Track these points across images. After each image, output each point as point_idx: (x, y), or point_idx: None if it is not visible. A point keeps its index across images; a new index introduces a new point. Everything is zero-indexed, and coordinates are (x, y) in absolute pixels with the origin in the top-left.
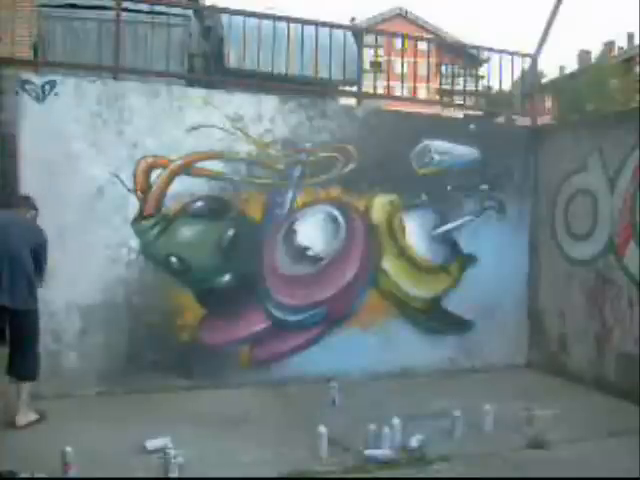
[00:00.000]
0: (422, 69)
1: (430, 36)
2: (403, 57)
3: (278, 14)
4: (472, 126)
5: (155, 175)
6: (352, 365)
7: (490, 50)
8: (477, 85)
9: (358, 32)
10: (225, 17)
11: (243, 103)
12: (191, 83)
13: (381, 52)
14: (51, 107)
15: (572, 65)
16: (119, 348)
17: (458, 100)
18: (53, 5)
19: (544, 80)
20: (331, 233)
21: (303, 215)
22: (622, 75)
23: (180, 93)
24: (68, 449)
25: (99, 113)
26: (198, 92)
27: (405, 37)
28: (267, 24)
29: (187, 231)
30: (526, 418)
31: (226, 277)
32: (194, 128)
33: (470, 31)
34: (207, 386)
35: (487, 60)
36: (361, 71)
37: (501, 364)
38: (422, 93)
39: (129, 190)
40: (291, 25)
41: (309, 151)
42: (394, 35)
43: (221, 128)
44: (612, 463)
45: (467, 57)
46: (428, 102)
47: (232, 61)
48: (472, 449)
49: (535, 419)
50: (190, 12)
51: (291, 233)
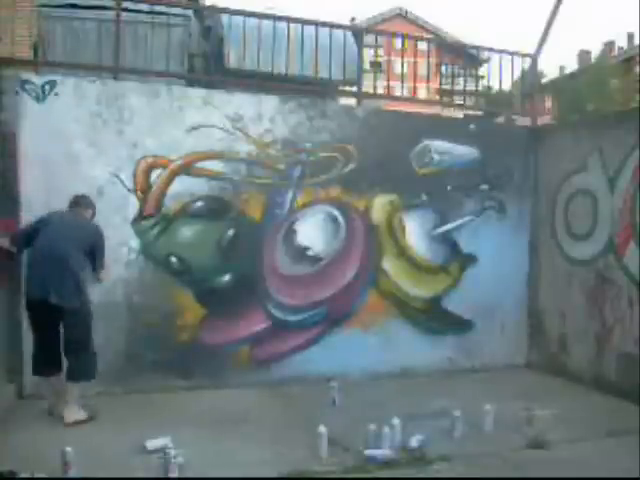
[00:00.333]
0: (422, 69)
1: (430, 36)
2: (403, 57)
3: (278, 14)
4: (472, 126)
5: (155, 175)
6: (352, 365)
7: (490, 50)
8: (477, 85)
9: (358, 32)
10: (225, 17)
11: (243, 103)
12: (191, 83)
13: (381, 52)
14: (51, 107)
15: (572, 65)
16: (119, 348)
17: (458, 100)
18: (53, 5)
19: (544, 80)
20: (331, 233)
21: (303, 215)
22: (622, 75)
23: (180, 93)
24: (68, 449)
25: (99, 113)
26: (198, 92)
27: (405, 37)
28: (267, 24)
29: (187, 231)
30: (526, 418)
31: (226, 277)
32: (194, 128)
33: (470, 31)
34: (207, 386)
35: (487, 60)
36: (361, 71)
37: (501, 364)
38: (422, 93)
39: (129, 190)
40: (291, 25)
41: (309, 151)
42: (394, 35)
43: (221, 128)
44: (612, 463)
45: (467, 57)
46: (428, 102)
47: (232, 61)
48: (472, 449)
49: (535, 419)
50: (190, 12)
51: (291, 233)
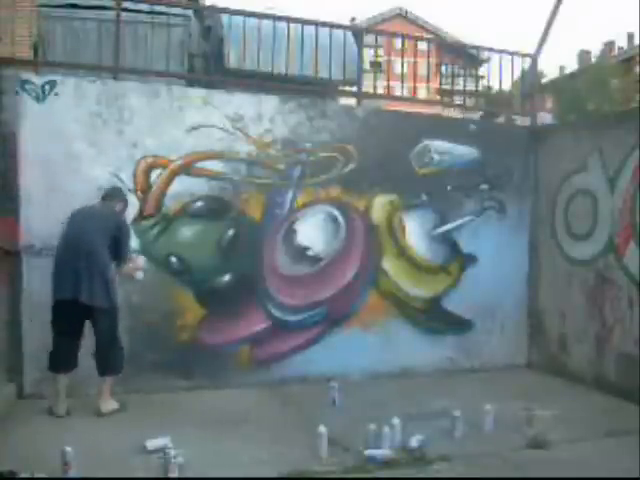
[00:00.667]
0: (422, 69)
1: (430, 36)
2: (403, 57)
3: (278, 14)
4: (472, 126)
5: (155, 175)
6: (352, 365)
7: (490, 50)
8: (477, 85)
9: (358, 32)
10: (225, 17)
11: (243, 103)
12: (191, 83)
13: (381, 52)
14: (51, 107)
15: (572, 65)
16: None
17: (458, 100)
18: (53, 5)
19: (544, 80)
20: (331, 233)
21: (303, 215)
22: (622, 75)
23: (180, 93)
24: (68, 449)
25: (99, 113)
26: (198, 92)
27: (405, 37)
28: (267, 24)
29: (187, 231)
30: (526, 418)
31: (226, 277)
32: (194, 128)
33: (470, 31)
34: (207, 386)
35: (487, 60)
36: (361, 71)
37: (501, 364)
38: (422, 93)
39: (129, 190)
40: (291, 25)
41: (309, 151)
42: (394, 35)
43: (221, 128)
44: (612, 463)
45: (467, 57)
46: (428, 102)
47: (232, 61)
48: (472, 449)
49: (535, 419)
50: (190, 12)
51: (291, 233)
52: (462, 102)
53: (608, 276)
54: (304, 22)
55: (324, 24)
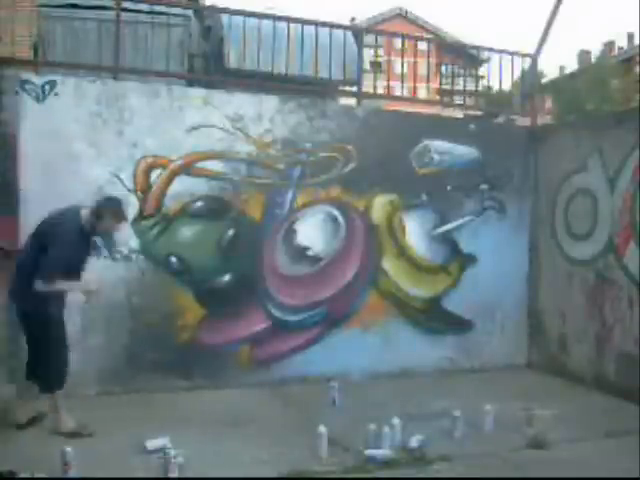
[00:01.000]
0: (422, 69)
1: (430, 36)
2: (403, 57)
3: (278, 14)
4: (472, 126)
5: (155, 175)
6: (352, 365)
7: (490, 50)
8: (477, 85)
9: (358, 32)
10: (225, 17)
11: (243, 103)
12: (191, 83)
13: (381, 52)
14: (51, 107)
15: (572, 65)
16: (119, 348)
17: (458, 100)
18: (53, 5)
19: (544, 80)
20: (331, 233)
21: (303, 215)
22: (622, 75)
23: (180, 93)
24: (68, 449)
25: (99, 113)
26: (198, 92)
27: (405, 37)
28: (267, 24)
29: (187, 231)
30: (526, 418)
31: (226, 277)
32: (194, 128)
33: (470, 31)
34: (207, 386)
35: (487, 60)
36: (361, 71)
37: (501, 364)
38: (422, 93)
39: (129, 190)
40: (291, 25)
41: (309, 151)
42: (394, 35)
43: (221, 128)
44: (612, 463)
45: (467, 57)
46: (428, 102)
47: (232, 61)
48: (472, 449)
49: (535, 419)
50: (190, 12)
51: (291, 233)
52: (462, 102)
53: (608, 276)
54: (304, 22)
55: (324, 24)
